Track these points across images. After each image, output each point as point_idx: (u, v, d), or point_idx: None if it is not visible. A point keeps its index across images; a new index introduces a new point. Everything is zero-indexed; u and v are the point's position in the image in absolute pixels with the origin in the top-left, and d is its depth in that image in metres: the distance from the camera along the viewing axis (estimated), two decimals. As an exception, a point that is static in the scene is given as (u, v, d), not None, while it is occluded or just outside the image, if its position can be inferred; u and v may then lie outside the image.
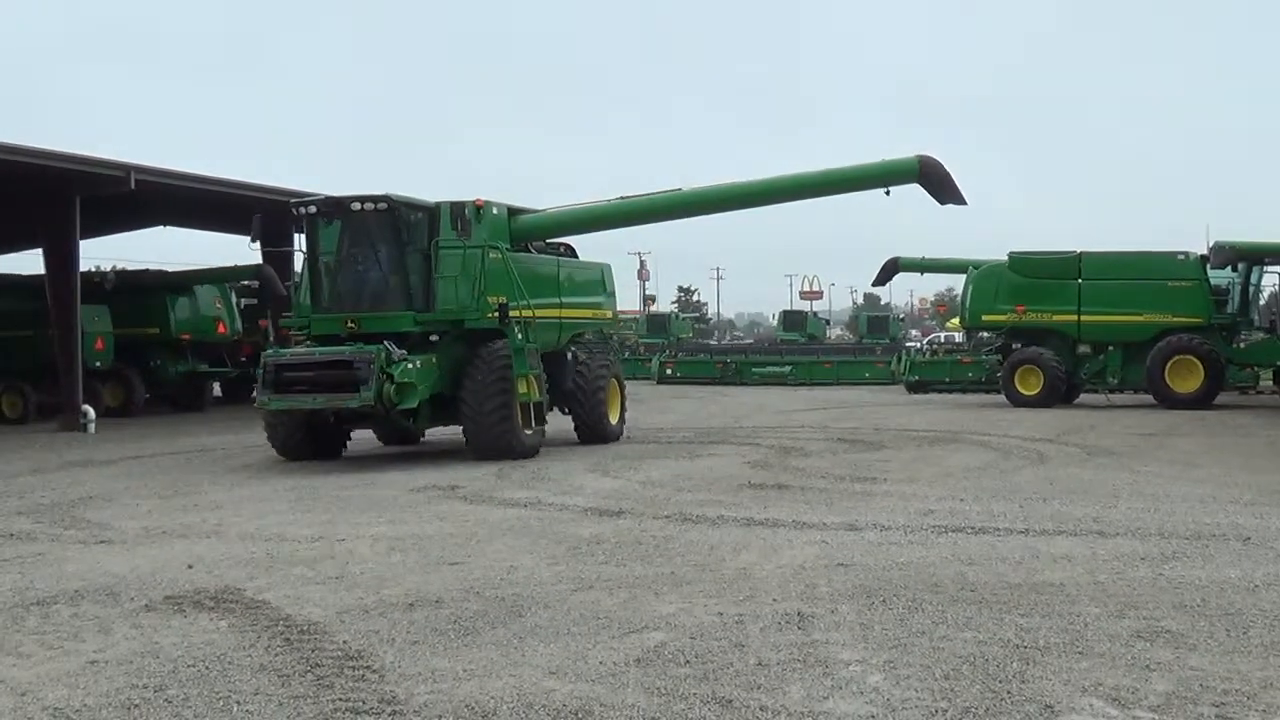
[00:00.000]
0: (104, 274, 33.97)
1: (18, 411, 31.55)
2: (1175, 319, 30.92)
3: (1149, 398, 31.27)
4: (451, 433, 21.09)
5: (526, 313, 19.99)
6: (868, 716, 6.26)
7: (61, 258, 29.04)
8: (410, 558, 10.97)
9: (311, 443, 19.92)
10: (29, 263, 35.59)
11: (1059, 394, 31.73)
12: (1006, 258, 32.92)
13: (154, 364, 34.22)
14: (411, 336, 19.51)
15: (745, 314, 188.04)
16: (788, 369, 48.51)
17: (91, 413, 27.99)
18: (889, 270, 44.19)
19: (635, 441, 23.04)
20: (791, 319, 77.95)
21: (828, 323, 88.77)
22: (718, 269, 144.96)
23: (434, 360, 19.43)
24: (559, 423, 22.06)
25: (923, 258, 44.00)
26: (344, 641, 7.86)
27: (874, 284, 49.23)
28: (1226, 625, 8.08)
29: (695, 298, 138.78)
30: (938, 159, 19.97)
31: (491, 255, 20.04)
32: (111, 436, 26.02)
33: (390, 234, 19.77)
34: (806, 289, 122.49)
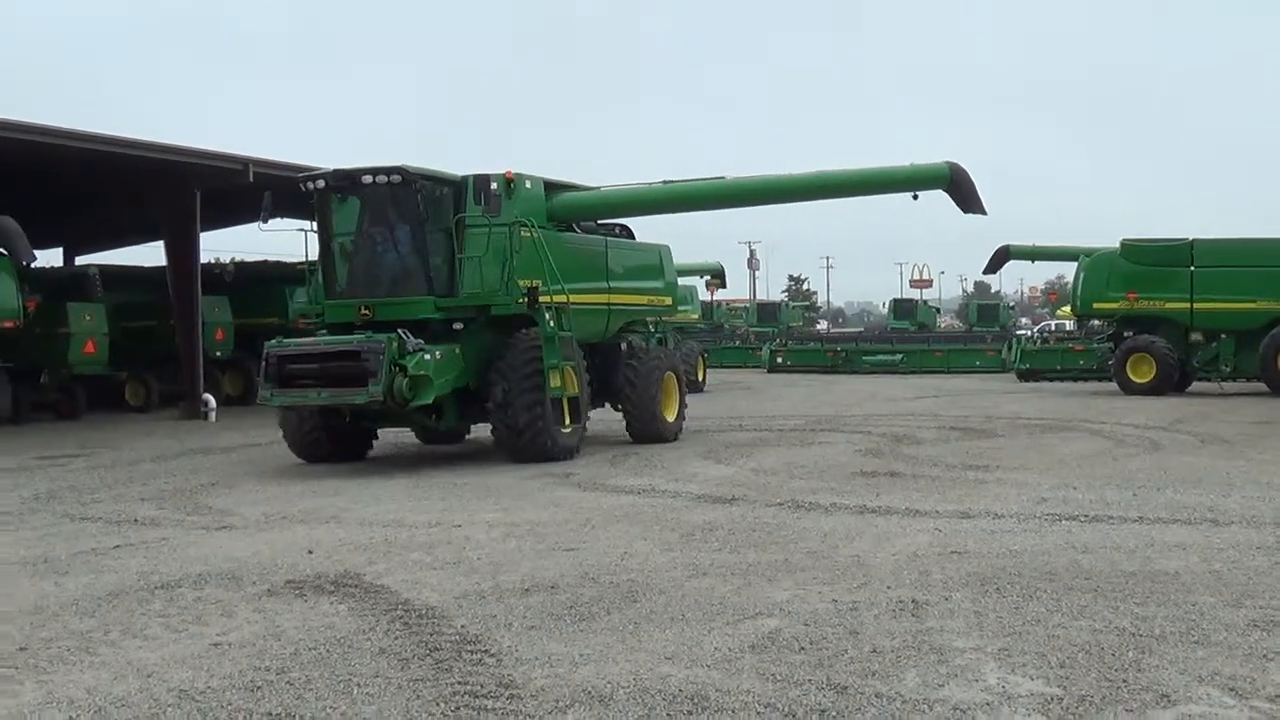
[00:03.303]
0: (223, 265, 34.55)
1: (141, 400, 32.22)
2: None
3: (1263, 386, 30.76)
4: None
5: (560, 297, 17.86)
6: (983, 704, 6.17)
7: (183, 250, 29.64)
8: (526, 544, 11.03)
9: (331, 442, 18.22)
10: (151, 255, 36.39)
11: (1171, 382, 31.43)
12: (1118, 245, 32.62)
13: (273, 353, 34.67)
14: (433, 324, 17.61)
15: (855, 303, 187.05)
16: (898, 357, 48.51)
17: (212, 401, 28.52)
18: (1000, 258, 43.68)
19: (747, 429, 23.00)
20: (902, 307, 77.43)
21: (938, 311, 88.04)
22: (828, 258, 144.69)
23: (457, 350, 17.44)
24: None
25: (1034, 245, 43.41)
26: (462, 626, 7.90)
27: (984, 272, 48.78)
28: (1346, 616, 7.88)
29: (805, 286, 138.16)
30: (965, 168, 19.31)
31: (522, 233, 17.90)
32: (232, 424, 26.49)
33: (408, 210, 17.75)
34: (917, 277, 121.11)
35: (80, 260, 39.06)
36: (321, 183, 17.72)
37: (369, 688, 6.61)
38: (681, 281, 41.65)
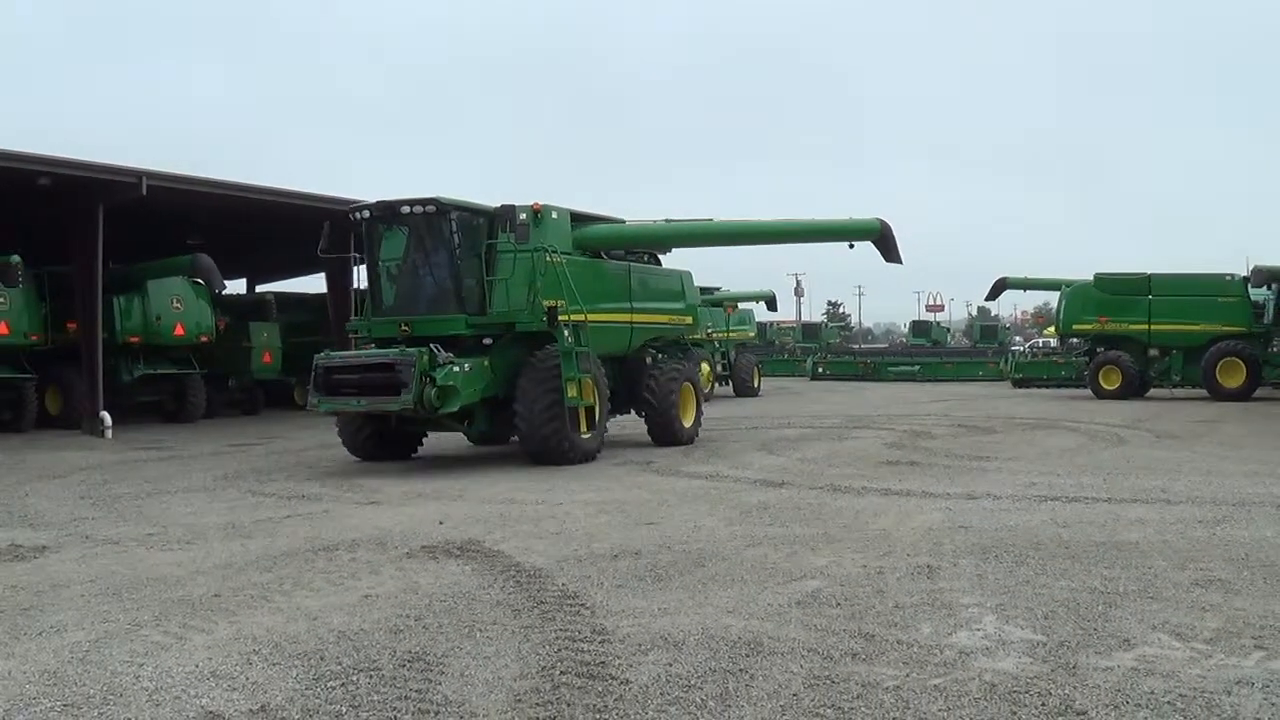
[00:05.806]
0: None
1: (306, 400, 32.64)
2: (1224, 328, 31.12)
3: (1204, 392, 31.10)
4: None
5: (578, 315, 16.40)
6: (983, 648, 6.16)
7: (340, 280, 29.98)
8: (614, 518, 11.04)
9: (380, 443, 17.20)
10: (314, 284, 36.90)
11: (1134, 389, 31.89)
12: (1092, 278, 32.92)
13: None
14: (466, 340, 16.34)
15: (882, 323, 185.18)
16: (916, 368, 48.71)
17: (363, 402, 28.69)
18: (998, 288, 43.29)
19: (794, 426, 22.89)
20: (919, 328, 76.84)
21: (948, 331, 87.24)
22: (859, 286, 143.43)
23: (486, 364, 16.14)
24: (718, 411, 21.80)
25: (1025, 278, 43.14)
26: (562, 584, 7.93)
27: (986, 299, 48.17)
28: (1264, 574, 8.01)
29: (841, 310, 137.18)
30: (890, 223, 18.84)
31: (547, 259, 16.61)
32: (378, 420, 26.68)
33: (443, 237, 16.51)
34: (931, 303, 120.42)
35: (259, 288, 39.64)
36: (367, 213, 16.78)
37: (489, 632, 6.66)
38: (741, 306, 41.74)
